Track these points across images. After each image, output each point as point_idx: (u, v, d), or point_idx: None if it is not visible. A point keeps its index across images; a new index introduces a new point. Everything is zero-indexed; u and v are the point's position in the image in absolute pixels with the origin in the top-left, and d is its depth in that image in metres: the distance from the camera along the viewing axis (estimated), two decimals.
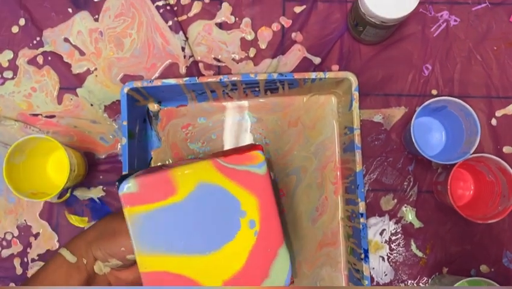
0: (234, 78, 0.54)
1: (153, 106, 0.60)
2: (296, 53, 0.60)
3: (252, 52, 0.61)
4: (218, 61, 0.61)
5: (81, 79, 0.61)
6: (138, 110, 0.58)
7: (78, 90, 0.61)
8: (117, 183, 0.39)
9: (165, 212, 0.39)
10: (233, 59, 0.61)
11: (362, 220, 0.53)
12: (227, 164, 0.40)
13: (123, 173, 0.53)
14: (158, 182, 0.39)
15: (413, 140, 0.52)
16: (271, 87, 0.57)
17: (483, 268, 0.57)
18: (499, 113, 0.59)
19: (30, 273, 0.59)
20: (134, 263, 0.41)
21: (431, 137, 0.58)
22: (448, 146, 0.57)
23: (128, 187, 0.38)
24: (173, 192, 0.39)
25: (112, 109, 0.60)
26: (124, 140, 0.54)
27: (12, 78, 0.61)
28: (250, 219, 0.41)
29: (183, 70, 0.60)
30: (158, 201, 0.39)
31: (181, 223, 0.39)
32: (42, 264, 0.58)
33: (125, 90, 0.54)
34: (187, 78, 0.54)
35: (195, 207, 0.39)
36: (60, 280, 0.40)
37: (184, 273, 0.39)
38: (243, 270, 0.40)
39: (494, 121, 0.59)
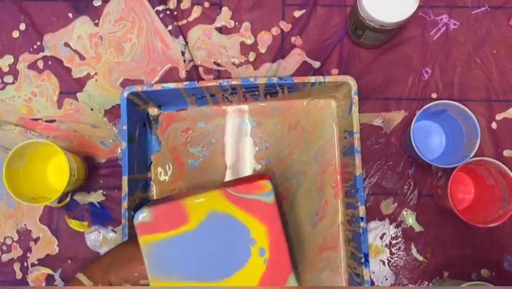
0: (234, 82, 0.54)
1: (153, 111, 0.60)
2: (296, 58, 0.60)
3: (252, 56, 0.61)
4: (218, 65, 0.61)
5: (81, 83, 0.61)
6: (138, 114, 0.58)
7: (78, 95, 0.61)
8: (132, 213, 0.41)
9: (177, 240, 0.41)
10: (233, 64, 0.61)
11: (362, 224, 0.52)
12: (237, 193, 0.42)
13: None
14: (170, 211, 0.41)
15: (413, 144, 0.52)
16: (271, 91, 0.57)
17: (484, 272, 0.57)
18: (499, 116, 0.59)
19: (30, 277, 0.59)
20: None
21: (431, 141, 0.58)
22: (448, 149, 0.57)
23: (143, 217, 0.41)
24: (185, 221, 0.41)
25: (112, 113, 0.61)
26: (124, 144, 0.54)
27: (13, 83, 0.61)
28: (260, 247, 0.42)
29: (183, 75, 0.60)
30: (171, 230, 0.41)
31: (193, 251, 0.41)
32: (41, 268, 0.59)
33: (125, 94, 0.54)
34: (187, 82, 0.54)
35: (206, 235, 0.41)
36: None
37: None
38: None
39: (494, 125, 0.59)
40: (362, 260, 0.52)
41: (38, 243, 0.59)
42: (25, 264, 0.59)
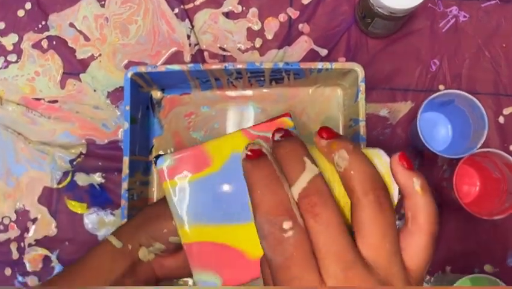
0: (239, 66, 0.53)
1: (156, 94, 0.59)
2: (303, 45, 0.60)
3: (258, 43, 0.60)
4: (224, 50, 0.60)
5: (84, 64, 0.60)
6: (141, 96, 0.57)
7: (82, 75, 0.60)
8: (154, 159, 0.40)
9: (202, 184, 0.39)
10: (238, 49, 0.60)
11: None
12: (258, 132, 0.40)
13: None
14: (193, 156, 0.40)
15: (419, 134, 0.51)
16: (277, 77, 0.56)
17: (488, 267, 0.56)
18: (506, 111, 0.58)
19: (26, 258, 0.58)
20: (176, 248, 0.42)
21: (437, 132, 0.58)
22: (454, 141, 0.56)
23: (166, 162, 0.39)
24: (208, 164, 0.39)
25: (115, 95, 0.60)
26: (127, 125, 0.53)
27: (16, 62, 0.61)
28: None
29: (188, 58, 0.60)
30: (195, 173, 0.39)
31: (219, 193, 0.39)
32: (38, 249, 0.58)
33: (129, 75, 0.53)
34: (191, 64, 0.53)
35: (231, 176, 0.39)
36: (105, 264, 0.41)
37: (225, 242, 0.39)
38: None
39: (501, 119, 0.58)
40: None
41: (36, 224, 0.59)
42: (22, 244, 0.58)
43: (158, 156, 0.40)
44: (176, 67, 0.54)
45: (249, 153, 0.28)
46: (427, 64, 0.59)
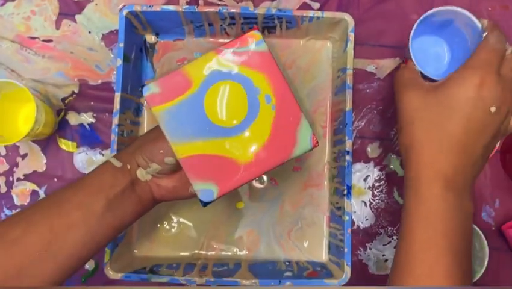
0: (233, 10, 0.55)
1: (150, 38, 0.60)
2: None
3: None
4: None
5: (80, 6, 0.61)
6: (136, 38, 0.58)
7: (77, 17, 0.61)
8: (140, 88, 0.43)
9: (187, 104, 0.42)
10: None
11: (347, 157, 0.53)
12: (229, 49, 0.43)
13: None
14: (174, 79, 0.43)
15: (412, 58, 0.48)
16: (269, 25, 0.57)
17: None
18: None
19: (14, 191, 0.59)
20: (171, 170, 0.44)
21: (434, 58, 0.53)
22: (451, 68, 0.49)
23: (151, 89, 0.43)
24: (189, 85, 0.42)
25: (109, 38, 0.61)
26: (120, 61, 0.54)
27: (13, 0, 0.61)
28: (265, 94, 0.42)
29: (183, 5, 0.61)
30: (178, 96, 0.42)
31: (202, 110, 0.42)
32: (27, 183, 0.59)
33: (124, 13, 0.55)
34: (186, 6, 0.55)
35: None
36: (107, 180, 0.43)
37: (217, 153, 0.42)
38: (270, 141, 0.42)
39: None
40: (345, 192, 0.53)
41: (26, 159, 0.59)
42: (11, 179, 0.59)
43: (143, 86, 0.43)
44: (171, 7, 0.55)
45: None
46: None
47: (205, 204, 0.43)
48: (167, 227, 0.58)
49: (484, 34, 0.44)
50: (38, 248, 0.39)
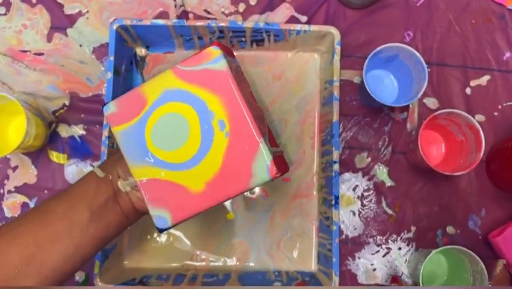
0: (222, 24, 0.56)
1: (140, 51, 0.61)
2: (284, 11, 0.62)
3: (242, 7, 0.62)
4: (208, 13, 0.62)
5: (72, 20, 0.62)
6: (126, 51, 0.59)
7: (68, 30, 0.62)
8: (101, 107, 0.42)
9: (139, 127, 0.41)
10: (222, 13, 0.62)
11: (335, 166, 0.54)
12: (185, 67, 0.40)
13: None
14: (131, 99, 0.42)
15: (366, 87, 0.54)
16: (258, 38, 0.59)
17: (450, 229, 0.59)
18: (473, 83, 0.62)
19: (5, 204, 0.59)
20: None
21: (384, 88, 0.61)
22: (400, 94, 0.60)
23: (109, 109, 0.42)
24: (145, 104, 0.41)
25: (100, 51, 0.62)
26: (110, 74, 0.55)
27: (5, 14, 0.62)
28: (219, 119, 0.39)
29: (173, 19, 0.62)
30: (135, 116, 0.42)
31: (146, 144, 0.41)
32: (18, 195, 0.59)
33: (114, 27, 0.55)
34: (176, 20, 0.56)
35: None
36: (91, 189, 0.43)
37: (172, 180, 0.41)
38: (222, 172, 0.39)
39: (468, 90, 0.61)
40: (333, 202, 0.54)
41: (17, 171, 0.60)
42: (1, 191, 0.59)
43: (104, 104, 0.43)
44: (160, 21, 0.56)
45: None
46: (402, 36, 0.62)
47: (161, 230, 0.42)
48: (157, 238, 0.58)
49: None
50: (22, 261, 0.39)
